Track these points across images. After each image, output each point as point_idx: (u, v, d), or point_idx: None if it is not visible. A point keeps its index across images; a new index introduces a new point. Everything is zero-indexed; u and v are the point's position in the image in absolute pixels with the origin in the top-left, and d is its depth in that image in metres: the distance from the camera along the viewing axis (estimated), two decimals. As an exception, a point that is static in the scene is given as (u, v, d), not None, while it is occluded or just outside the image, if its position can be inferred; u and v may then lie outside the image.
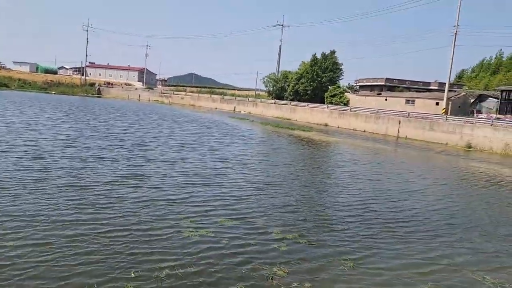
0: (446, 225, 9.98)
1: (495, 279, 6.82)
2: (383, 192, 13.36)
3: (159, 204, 9.46)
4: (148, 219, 8.31)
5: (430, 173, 19.22)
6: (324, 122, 52.35)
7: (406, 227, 9.47)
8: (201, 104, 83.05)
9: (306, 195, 12.00)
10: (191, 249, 7.04)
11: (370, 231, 8.85)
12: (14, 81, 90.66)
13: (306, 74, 69.18)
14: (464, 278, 6.76)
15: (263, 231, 8.23)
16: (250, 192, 11.63)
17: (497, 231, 9.79)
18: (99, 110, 44.33)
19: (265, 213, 9.56)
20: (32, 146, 15.49)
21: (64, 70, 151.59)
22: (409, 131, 40.62)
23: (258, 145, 23.86)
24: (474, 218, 11.00)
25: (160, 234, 7.51)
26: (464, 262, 7.48)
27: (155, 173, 12.92)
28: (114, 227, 7.64)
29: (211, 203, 9.97)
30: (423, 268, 7.02)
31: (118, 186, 10.79)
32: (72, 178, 11.15)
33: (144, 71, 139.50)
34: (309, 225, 8.87)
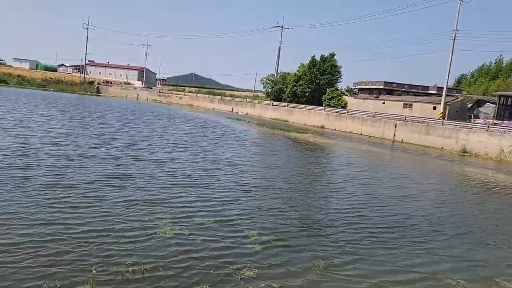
0: (433, 232, 9.77)
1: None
2: (374, 197, 13.16)
3: (140, 205, 9.25)
4: (126, 219, 8.13)
5: (423, 178, 19.05)
6: (321, 125, 52.22)
7: (391, 233, 9.28)
8: (199, 104, 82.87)
9: (294, 198, 11.78)
10: (163, 249, 6.89)
11: (354, 237, 8.66)
12: (13, 78, 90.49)
13: (305, 76, 69.07)
14: (442, 287, 6.60)
15: (241, 233, 8.05)
16: (236, 194, 11.39)
17: (485, 239, 9.61)
18: (95, 108, 44.16)
19: (248, 215, 9.37)
20: (20, 144, 15.24)
21: (64, 68, 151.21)
22: (405, 135, 40.51)
23: (252, 146, 23.64)
24: (463, 225, 10.80)
25: (136, 235, 7.34)
26: (446, 270, 7.30)
27: (141, 173, 12.70)
28: (90, 227, 7.46)
29: (193, 205, 9.79)
30: (401, 276, 6.84)
31: (102, 186, 10.59)
32: (55, 177, 10.93)
33: (144, 70, 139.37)
34: (291, 229, 8.69)
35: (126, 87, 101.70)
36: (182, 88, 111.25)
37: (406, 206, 12.34)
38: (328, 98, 65.05)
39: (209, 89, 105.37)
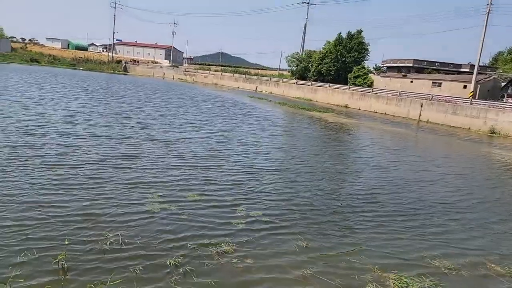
0: (448, 222, 8.88)
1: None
2: (392, 181, 12.32)
3: (137, 185, 9.00)
4: (117, 197, 8.06)
5: (448, 161, 18.04)
6: (344, 104, 51.25)
7: (400, 222, 8.52)
8: (224, 83, 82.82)
9: (302, 182, 11.13)
10: (146, 223, 6.90)
11: (352, 223, 8.08)
12: (45, 57, 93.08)
13: (330, 54, 67.51)
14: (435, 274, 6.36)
15: (230, 212, 7.94)
16: (241, 177, 10.89)
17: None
18: (118, 87, 44.81)
19: (245, 197, 9.03)
20: (33, 122, 15.38)
21: (94, 47, 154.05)
22: (431, 115, 39.22)
23: (270, 126, 23.14)
24: (483, 216, 9.71)
25: (123, 211, 7.35)
26: (441, 256, 7.01)
27: (148, 154, 12.42)
28: (79, 204, 7.53)
29: (191, 185, 9.53)
30: (389, 260, 6.61)
31: (104, 167, 10.33)
32: (60, 157, 10.84)
33: (171, 49, 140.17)
34: (285, 211, 8.36)
35: (153, 66, 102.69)
36: (208, 67, 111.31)
37: (426, 192, 11.42)
38: (353, 77, 63.55)
39: (234, 68, 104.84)
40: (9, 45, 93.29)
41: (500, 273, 6.62)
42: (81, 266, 5.36)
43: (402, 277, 6.01)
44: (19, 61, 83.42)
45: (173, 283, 5.19)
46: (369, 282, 5.80)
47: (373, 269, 6.22)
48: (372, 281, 5.85)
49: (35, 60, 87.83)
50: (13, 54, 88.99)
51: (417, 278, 6.07)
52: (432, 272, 6.34)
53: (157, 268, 5.52)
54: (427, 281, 5.99)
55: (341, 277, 5.91)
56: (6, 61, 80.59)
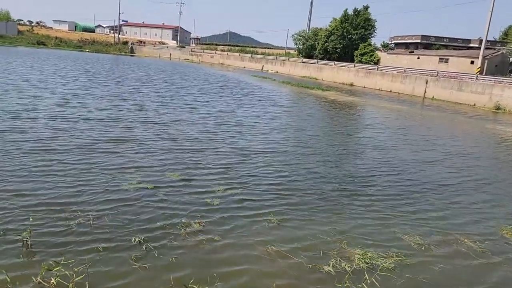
0: (436, 202, 8.62)
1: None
2: (392, 162, 11.85)
3: (123, 171, 8.74)
4: (98, 180, 8.07)
5: (452, 140, 17.37)
6: (350, 82, 50.66)
7: (393, 207, 8.13)
8: (230, 63, 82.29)
9: (297, 164, 10.70)
10: (120, 203, 6.96)
11: (337, 205, 7.90)
12: (51, 40, 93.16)
13: (336, 31, 66.48)
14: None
15: (207, 192, 7.97)
16: (231, 160, 10.53)
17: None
18: (122, 68, 44.76)
19: (230, 178, 8.93)
20: (25, 105, 15.31)
21: (101, 29, 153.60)
22: (437, 91, 38.63)
23: (271, 106, 22.75)
24: (479, 198, 9.30)
25: (100, 192, 7.47)
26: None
27: (140, 137, 12.03)
28: (58, 193, 7.51)
29: (179, 170, 9.26)
30: (362, 238, 6.65)
31: (90, 151, 10.00)
32: (45, 141, 10.51)
33: (178, 29, 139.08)
34: (267, 193, 8.02)
35: (159, 47, 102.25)
36: (215, 47, 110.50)
37: (427, 174, 10.95)
38: (360, 54, 62.69)
39: (241, 48, 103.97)
40: (15, 28, 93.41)
41: (473, 250, 6.60)
42: (44, 244, 5.46)
43: (368, 252, 6.02)
44: (25, 44, 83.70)
45: (132, 259, 5.26)
46: (332, 257, 5.82)
47: (341, 245, 6.24)
48: (336, 256, 5.87)
49: (42, 43, 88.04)
50: (19, 37, 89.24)
51: (384, 254, 6.07)
52: (403, 249, 6.32)
53: (121, 246, 5.58)
54: (393, 257, 6.00)
55: (306, 252, 5.94)
56: (13, 44, 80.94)
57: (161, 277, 4.93)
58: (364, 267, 5.62)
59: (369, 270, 5.58)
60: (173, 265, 5.25)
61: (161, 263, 5.26)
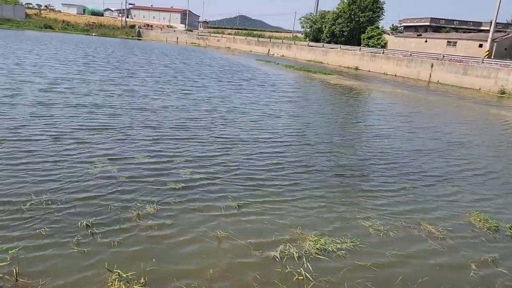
0: (422, 196, 8.19)
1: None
2: (387, 152, 11.31)
3: (92, 161, 8.35)
4: (65, 167, 8.10)
5: (455, 127, 16.67)
6: (355, 66, 49.85)
7: (364, 196, 7.86)
8: (236, 47, 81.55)
9: (284, 154, 10.11)
10: (81, 186, 6.89)
11: (303, 193, 7.70)
12: (58, 23, 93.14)
13: (343, 13, 65.09)
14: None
15: (174, 176, 7.87)
16: (214, 147, 10.10)
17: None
18: (124, 52, 44.53)
19: (200, 165, 8.65)
20: (8, 90, 14.96)
21: (110, 12, 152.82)
22: (442, 75, 37.84)
23: (270, 91, 22.32)
24: (469, 189, 9.17)
25: (61, 176, 7.40)
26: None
27: (120, 125, 11.46)
28: (19, 180, 7.56)
29: (151, 157, 8.95)
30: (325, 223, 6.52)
31: (61, 139, 9.58)
32: (18, 129, 10.04)
33: (186, 12, 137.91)
34: (237, 182, 7.86)
35: (166, 31, 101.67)
36: (222, 30, 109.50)
37: (427, 167, 10.18)
38: (367, 38, 61.48)
39: (248, 31, 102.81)
40: (23, 12, 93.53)
41: (433, 235, 6.44)
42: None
43: (322, 239, 5.90)
44: (33, 27, 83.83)
45: (73, 243, 5.21)
46: (283, 242, 5.72)
47: (295, 231, 6.12)
48: (287, 241, 5.76)
49: (49, 27, 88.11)
50: (27, 20, 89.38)
51: (338, 240, 5.94)
52: (359, 236, 6.19)
53: (66, 229, 5.54)
54: (347, 243, 5.87)
55: (257, 237, 5.85)
56: (20, 27, 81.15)
57: (95, 261, 4.87)
58: (313, 253, 5.51)
59: (316, 255, 5.47)
60: (112, 249, 5.19)
61: (100, 248, 5.19)
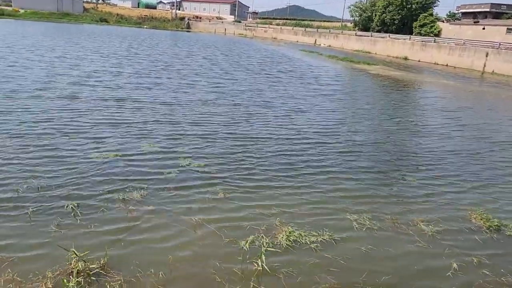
0: (446, 205, 8.13)
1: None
2: (419, 153, 10.25)
3: (98, 147, 9.09)
4: (66, 157, 8.58)
5: (506, 125, 15.15)
6: (403, 56, 47.85)
7: (375, 198, 7.72)
8: (283, 37, 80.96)
9: (294, 152, 9.48)
10: (78, 170, 7.22)
11: (292, 184, 7.80)
12: (113, 17, 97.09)
13: (395, 0, 62.44)
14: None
15: (175, 164, 8.03)
16: (228, 144, 9.65)
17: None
18: (169, 44, 45.50)
19: (204, 158, 8.54)
20: (40, 83, 15.22)
21: (163, 5, 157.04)
22: (498, 65, 35.39)
23: (307, 84, 21.44)
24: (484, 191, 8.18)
25: (58, 161, 7.79)
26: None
27: (138, 120, 11.18)
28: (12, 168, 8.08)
29: (156, 147, 9.09)
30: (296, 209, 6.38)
31: (80, 131, 9.63)
32: (38, 123, 10.07)
33: (236, 3, 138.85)
34: (229, 171, 7.83)
35: (214, 22, 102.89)
36: (270, 21, 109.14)
37: (461, 172, 9.00)
38: (419, 26, 58.72)
39: (296, 22, 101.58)
40: (81, 6, 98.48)
41: (421, 233, 6.10)
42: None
43: (299, 230, 5.79)
44: (89, 21, 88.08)
45: (54, 225, 5.49)
46: (257, 232, 5.67)
47: (275, 222, 6.05)
48: (262, 232, 5.72)
49: (104, 20, 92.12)
50: (84, 14, 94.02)
51: (316, 232, 5.80)
52: (341, 230, 6.01)
53: (50, 211, 5.84)
54: (324, 235, 5.72)
55: (233, 226, 5.85)
56: (78, 21, 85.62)
57: (68, 243, 5.09)
58: (284, 244, 5.43)
59: (287, 247, 5.38)
60: (89, 233, 5.40)
61: (78, 230, 5.42)
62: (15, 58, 21.42)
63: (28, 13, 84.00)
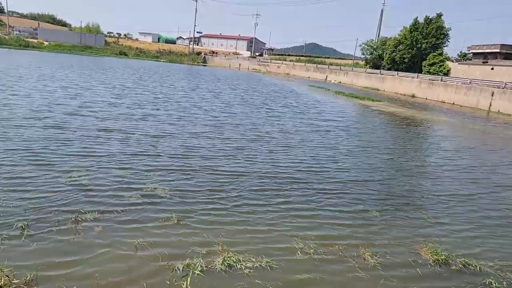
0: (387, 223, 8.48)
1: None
2: (403, 194, 9.82)
3: (71, 172, 9.76)
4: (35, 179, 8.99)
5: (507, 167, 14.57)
6: (411, 93, 48.10)
7: (328, 226, 8.31)
8: (295, 73, 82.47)
9: (267, 184, 9.57)
10: (40, 188, 7.52)
11: (249, 210, 7.99)
12: (132, 50, 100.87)
13: (405, 40, 63.49)
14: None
15: (141, 188, 8.29)
16: (197, 176, 9.45)
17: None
18: (177, 77, 46.74)
19: (172, 187, 9.13)
20: (37, 112, 16.84)
21: (182, 40, 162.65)
22: (503, 105, 35.25)
23: (308, 120, 21.53)
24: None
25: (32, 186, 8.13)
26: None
27: (116, 151, 11.00)
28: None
29: (129, 174, 9.89)
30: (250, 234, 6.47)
31: (53, 160, 9.62)
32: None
33: (252, 40, 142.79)
34: (193, 200, 8.29)
35: (230, 57, 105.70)
36: (284, 57, 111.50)
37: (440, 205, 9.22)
38: (428, 64, 59.27)
39: (309, 58, 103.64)
40: (103, 40, 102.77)
41: (362, 262, 6.12)
42: None
43: (238, 255, 5.88)
44: (109, 54, 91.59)
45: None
46: (196, 256, 5.78)
47: (218, 247, 6.15)
48: (202, 255, 5.82)
49: (124, 53, 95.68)
50: (105, 48, 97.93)
51: (255, 258, 5.88)
52: (283, 255, 6.08)
53: (2, 227, 6.10)
54: (262, 261, 5.79)
55: (174, 249, 5.97)
56: (99, 54, 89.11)
57: (2, 258, 5.30)
58: (218, 268, 5.53)
59: (220, 271, 5.47)
60: (30, 251, 5.59)
61: (19, 248, 5.63)
62: (20, 88, 22.03)
63: (52, 45, 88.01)
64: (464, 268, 6.28)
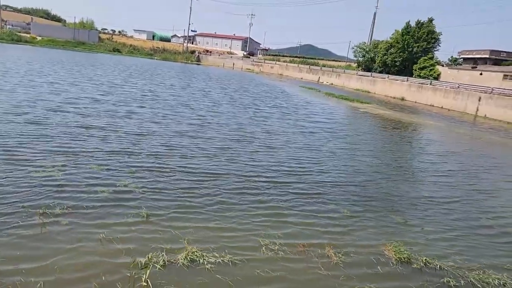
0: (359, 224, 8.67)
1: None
2: (375, 196, 10.00)
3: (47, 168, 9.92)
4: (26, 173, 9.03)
5: (492, 172, 14.57)
6: (401, 96, 48.53)
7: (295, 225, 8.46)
8: (288, 74, 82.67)
9: (230, 181, 9.59)
10: (16, 183, 7.60)
11: (218, 208, 8.23)
12: (126, 47, 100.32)
13: (396, 43, 63.91)
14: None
15: (112, 184, 8.36)
16: (189, 181, 9.22)
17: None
18: (169, 75, 46.75)
19: (145, 184, 9.21)
20: (20, 107, 16.64)
21: (176, 38, 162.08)
22: (490, 110, 35.68)
23: (294, 121, 21.55)
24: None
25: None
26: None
27: (95, 149, 10.92)
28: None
29: (102, 173, 10.04)
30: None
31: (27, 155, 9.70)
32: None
33: (247, 40, 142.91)
34: (166, 197, 8.42)
35: (224, 56, 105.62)
36: (278, 58, 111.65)
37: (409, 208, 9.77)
38: (419, 68, 59.66)
39: (302, 59, 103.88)
40: (97, 36, 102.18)
41: (325, 260, 6.25)
42: None
43: (202, 251, 5.98)
44: (103, 50, 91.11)
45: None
46: (160, 251, 5.87)
47: (184, 242, 6.24)
48: (167, 250, 5.90)
49: (117, 50, 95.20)
50: (99, 44, 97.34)
51: (219, 253, 5.98)
52: (246, 251, 6.20)
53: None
54: (225, 257, 5.90)
55: (139, 244, 6.05)
56: (92, 50, 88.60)
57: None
58: (180, 263, 5.63)
59: (182, 265, 5.57)
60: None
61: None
62: (4, 82, 21.62)
63: (44, 40, 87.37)
64: (424, 267, 6.44)
